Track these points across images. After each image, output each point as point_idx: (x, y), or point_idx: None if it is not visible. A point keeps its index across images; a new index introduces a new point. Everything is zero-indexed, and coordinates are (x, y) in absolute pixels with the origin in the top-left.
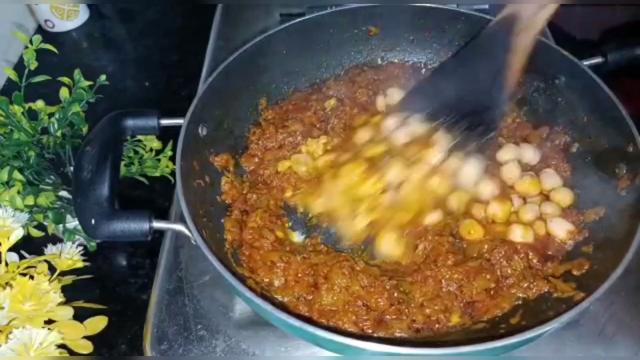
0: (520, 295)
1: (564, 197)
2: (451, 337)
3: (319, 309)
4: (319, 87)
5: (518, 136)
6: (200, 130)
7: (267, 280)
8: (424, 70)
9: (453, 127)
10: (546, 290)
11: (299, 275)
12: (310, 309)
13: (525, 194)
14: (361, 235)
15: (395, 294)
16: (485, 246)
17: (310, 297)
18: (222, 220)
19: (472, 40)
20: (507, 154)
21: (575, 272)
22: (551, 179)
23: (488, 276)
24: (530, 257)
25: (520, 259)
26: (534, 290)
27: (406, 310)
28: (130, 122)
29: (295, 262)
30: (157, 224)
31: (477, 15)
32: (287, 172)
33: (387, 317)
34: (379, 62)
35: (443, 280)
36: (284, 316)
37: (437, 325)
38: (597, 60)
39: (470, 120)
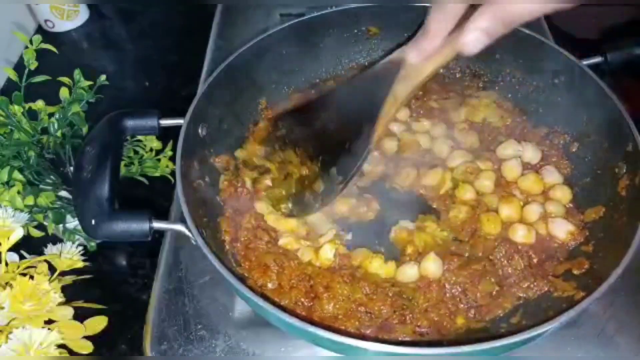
0: (521, 294)
1: (564, 194)
2: (454, 337)
3: (320, 316)
4: (319, 87)
5: (517, 135)
6: (200, 130)
7: (261, 281)
8: None
9: (309, 160)
10: (546, 289)
11: (293, 280)
12: (309, 314)
13: (528, 192)
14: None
15: (398, 301)
16: (489, 245)
17: (310, 304)
18: (218, 220)
19: (358, 77)
20: (508, 148)
21: (575, 272)
22: (551, 176)
23: (492, 279)
24: (530, 256)
25: (520, 259)
26: (534, 290)
27: (410, 316)
28: (130, 123)
29: (289, 268)
30: (157, 224)
31: None
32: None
33: (391, 322)
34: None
35: (447, 285)
36: (285, 316)
37: (443, 329)
38: (597, 59)
39: (327, 161)
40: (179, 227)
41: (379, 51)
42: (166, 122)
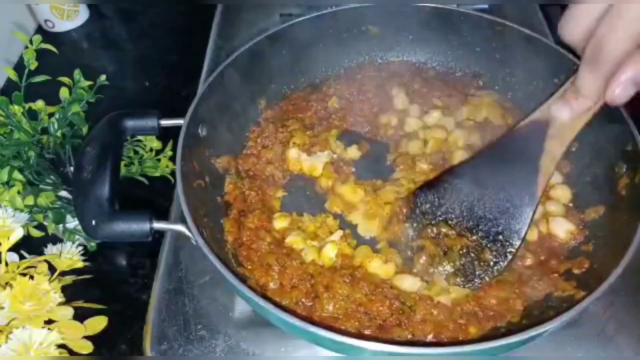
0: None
1: (563, 194)
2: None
3: (320, 316)
4: (318, 87)
5: None
6: (200, 131)
7: (263, 281)
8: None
9: (468, 232)
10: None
11: (294, 280)
12: (309, 314)
13: None
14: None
15: (396, 304)
16: None
17: (311, 304)
18: (222, 221)
19: (501, 140)
20: None
21: (575, 271)
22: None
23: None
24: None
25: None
26: (537, 289)
27: (405, 321)
28: (130, 123)
29: (291, 267)
30: (158, 225)
31: (477, 15)
32: (283, 170)
33: (389, 324)
34: (379, 61)
35: (459, 308)
36: (286, 316)
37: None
38: None
39: (489, 228)
40: (179, 227)
41: (378, 51)
42: (166, 122)
